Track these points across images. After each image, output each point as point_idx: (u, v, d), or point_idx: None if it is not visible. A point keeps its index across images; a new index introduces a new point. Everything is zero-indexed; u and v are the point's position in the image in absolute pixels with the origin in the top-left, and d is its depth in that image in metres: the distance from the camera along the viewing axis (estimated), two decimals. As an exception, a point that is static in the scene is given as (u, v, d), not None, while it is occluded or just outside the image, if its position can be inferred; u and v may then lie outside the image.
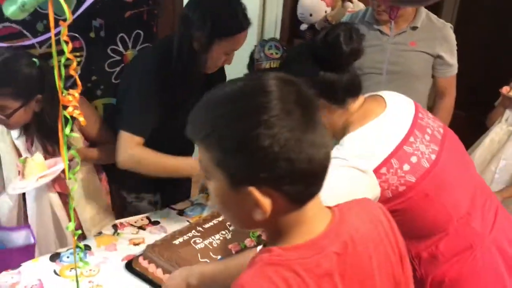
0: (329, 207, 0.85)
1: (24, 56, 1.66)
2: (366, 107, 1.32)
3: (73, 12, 0.76)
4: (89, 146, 1.91)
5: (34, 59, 1.67)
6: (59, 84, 0.67)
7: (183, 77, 1.75)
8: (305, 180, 0.73)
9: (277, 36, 2.93)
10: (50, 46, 2.00)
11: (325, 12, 2.84)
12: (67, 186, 1.67)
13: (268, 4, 2.93)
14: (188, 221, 1.87)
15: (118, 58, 2.30)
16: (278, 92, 0.72)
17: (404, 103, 1.37)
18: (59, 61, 0.66)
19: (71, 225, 0.76)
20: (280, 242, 0.78)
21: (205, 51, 1.71)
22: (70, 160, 1.64)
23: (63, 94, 0.67)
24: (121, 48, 2.30)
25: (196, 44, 1.72)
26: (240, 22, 1.71)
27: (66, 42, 0.65)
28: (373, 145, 1.25)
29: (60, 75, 0.67)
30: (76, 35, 2.09)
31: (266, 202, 0.73)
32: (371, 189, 1.22)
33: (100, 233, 1.79)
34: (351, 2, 2.93)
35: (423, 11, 2.21)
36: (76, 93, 0.68)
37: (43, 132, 1.73)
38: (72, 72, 0.67)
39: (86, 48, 2.17)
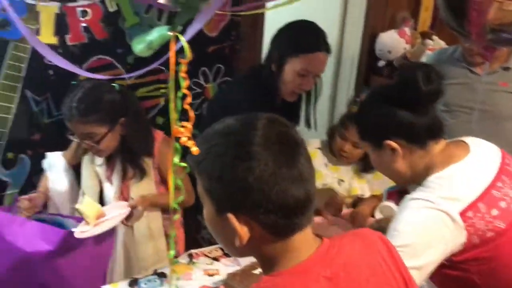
0: (319, 237, 0.87)
1: (104, 84, 1.75)
2: (449, 150, 1.28)
3: (163, 50, 0.80)
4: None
5: (113, 85, 1.76)
6: (173, 116, 0.69)
7: (267, 104, 1.77)
8: (280, 212, 0.77)
9: (354, 71, 2.92)
10: (137, 77, 2.11)
11: (404, 49, 2.80)
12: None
13: (346, 39, 2.94)
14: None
15: (199, 90, 2.37)
16: (262, 130, 0.79)
17: (489, 148, 1.33)
18: (176, 95, 0.68)
19: (172, 253, 0.78)
20: (269, 271, 0.82)
21: (280, 72, 1.72)
22: (133, 208, 1.70)
23: (177, 125, 0.69)
24: (202, 81, 2.38)
25: (274, 67, 1.74)
26: (313, 42, 1.71)
27: (184, 78, 0.67)
28: (458, 187, 1.20)
29: (176, 108, 0.69)
30: (163, 68, 2.18)
31: (243, 230, 0.78)
32: (457, 233, 1.16)
33: (176, 261, 1.81)
34: (431, 39, 2.88)
35: (516, 52, 2.13)
36: (189, 124, 0.69)
37: (126, 155, 1.79)
38: (186, 106, 0.69)
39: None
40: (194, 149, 0.71)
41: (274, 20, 2.48)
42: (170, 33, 0.69)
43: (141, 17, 2.06)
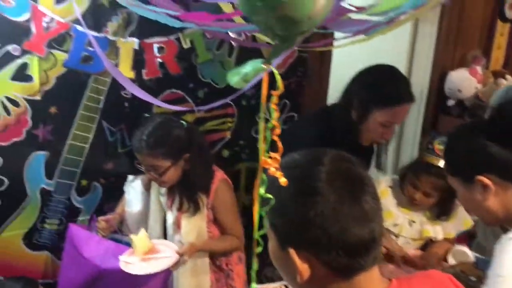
0: (388, 280, 0.83)
1: (173, 120, 1.83)
2: None
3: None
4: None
5: (182, 122, 1.83)
6: (262, 147, 0.69)
7: (341, 147, 1.74)
8: (342, 250, 0.74)
9: (422, 110, 2.85)
10: (206, 111, 2.16)
11: (475, 88, 2.71)
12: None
13: (413, 77, 2.88)
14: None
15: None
16: (327, 166, 0.78)
17: None
18: (266, 126, 0.69)
19: (254, 286, 0.77)
20: None
21: (362, 121, 1.70)
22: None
23: (264, 157, 0.69)
24: (268, 116, 2.39)
25: (354, 113, 1.72)
26: (400, 94, 1.68)
27: (274, 110, 0.68)
28: None
29: (265, 138, 0.69)
30: (230, 102, 2.23)
31: (303, 266, 0.76)
32: None
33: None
34: (505, 78, 2.77)
35: None
36: (277, 155, 0.69)
37: (184, 188, 1.84)
38: (275, 138, 0.69)
39: (238, 115, 2.30)
40: (283, 180, 0.71)
41: (341, 55, 2.49)
42: (264, 66, 0.71)
43: (213, 53, 2.12)
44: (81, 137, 1.99)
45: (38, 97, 1.87)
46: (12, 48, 1.78)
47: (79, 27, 1.81)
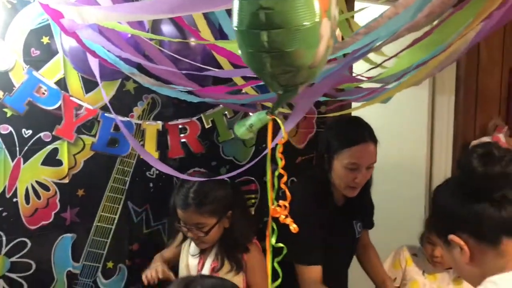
0: None
1: (216, 179, 1.82)
2: None
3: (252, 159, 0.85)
4: None
5: (226, 179, 1.85)
6: (271, 196, 0.71)
7: (327, 201, 1.85)
8: None
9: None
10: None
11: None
12: None
13: (435, 152, 2.89)
14: None
15: (288, 201, 2.39)
16: None
17: None
18: (273, 175, 0.71)
19: None
20: None
21: (329, 169, 1.78)
22: None
23: (273, 206, 0.71)
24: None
25: (325, 164, 1.81)
26: (356, 135, 1.75)
27: (280, 159, 0.70)
28: None
29: (272, 186, 0.71)
30: (253, 178, 2.26)
31: None
32: None
33: None
34: (529, 146, 2.75)
35: None
36: (286, 203, 0.71)
37: (224, 247, 1.80)
38: (282, 186, 0.71)
39: (260, 191, 2.32)
40: (294, 226, 0.71)
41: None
42: (268, 116, 0.74)
43: (234, 132, 2.20)
44: (107, 218, 2.03)
45: (66, 181, 1.94)
46: (43, 134, 1.89)
47: (107, 114, 1.93)
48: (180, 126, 2.09)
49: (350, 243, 2.00)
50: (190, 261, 1.92)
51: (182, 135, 2.10)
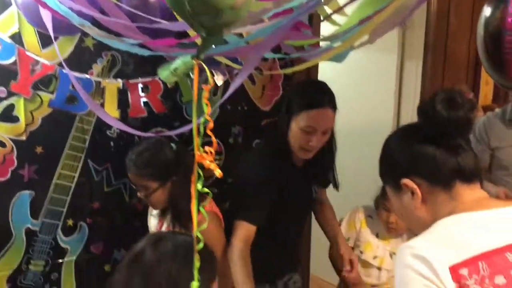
0: None
1: (164, 142, 1.83)
2: (485, 200, 1.05)
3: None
4: None
5: (172, 144, 1.84)
6: (196, 142, 0.71)
7: (288, 166, 1.85)
8: None
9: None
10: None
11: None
12: None
13: (402, 113, 2.92)
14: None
15: (253, 162, 2.40)
16: None
17: None
18: (198, 123, 0.70)
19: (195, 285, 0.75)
20: None
21: (287, 129, 1.78)
22: None
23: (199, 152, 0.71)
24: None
25: (284, 126, 1.80)
26: (316, 99, 1.74)
27: (207, 105, 0.70)
28: (463, 235, 0.98)
29: (198, 132, 0.71)
30: (218, 140, 2.26)
31: None
32: None
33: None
34: (494, 112, 2.79)
35: None
36: (211, 150, 0.70)
37: (174, 214, 1.80)
38: (208, 132, 0.71)
39: (225, 153, 2.32)
40: (218, 172, 0.71)
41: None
42: (193, 61, 0.73)
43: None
44: (67, 176, 2.01)
45: (23, 137, 1.91)
46: (-1, 90, 1.85)
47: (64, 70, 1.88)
48: (141, 85, 2.07)
49: (306, 204, 2.02)
50: (152, 221, 1.95)
51: (143, 94, 2.08)
